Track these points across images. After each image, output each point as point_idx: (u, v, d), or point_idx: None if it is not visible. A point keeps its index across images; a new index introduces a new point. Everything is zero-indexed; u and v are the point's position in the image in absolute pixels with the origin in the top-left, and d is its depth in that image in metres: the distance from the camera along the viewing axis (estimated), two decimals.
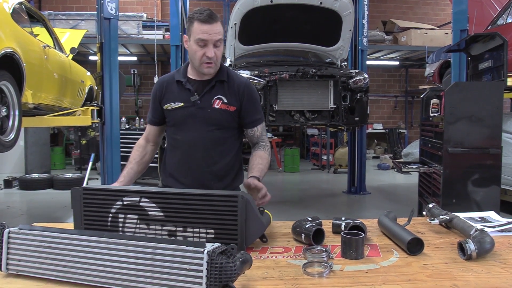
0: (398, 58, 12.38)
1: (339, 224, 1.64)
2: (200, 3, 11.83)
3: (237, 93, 1.95)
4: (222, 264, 1.01)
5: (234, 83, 1.96)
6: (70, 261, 1.15)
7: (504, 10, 5.92)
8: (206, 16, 1.80)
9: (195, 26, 1.81)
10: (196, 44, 1.82)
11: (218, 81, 1.94)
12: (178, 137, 1.98)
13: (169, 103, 1.96)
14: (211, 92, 1.93)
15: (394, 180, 9.01)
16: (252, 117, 1.99)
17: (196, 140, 1.93)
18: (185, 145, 1.96)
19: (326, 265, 1.27)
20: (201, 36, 1.80)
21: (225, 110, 1.93)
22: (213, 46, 1.83)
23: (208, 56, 1.83)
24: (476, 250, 1.35)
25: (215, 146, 1.95)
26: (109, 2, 4.97)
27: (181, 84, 1.95)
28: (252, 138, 2.02)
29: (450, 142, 3.76)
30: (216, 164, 1.96)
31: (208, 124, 1.93)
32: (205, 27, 1.79)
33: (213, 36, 1.81)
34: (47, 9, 10.20)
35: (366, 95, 5.32)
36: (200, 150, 1.94)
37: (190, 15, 1.86)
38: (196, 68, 1.92)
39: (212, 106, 1.92)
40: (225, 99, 1.93)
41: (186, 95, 1.93)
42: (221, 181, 1.98)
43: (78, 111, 5.07)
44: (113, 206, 1.47)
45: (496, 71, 4.52)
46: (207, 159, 1.94)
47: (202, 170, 1.95)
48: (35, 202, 6.77)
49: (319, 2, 5.00)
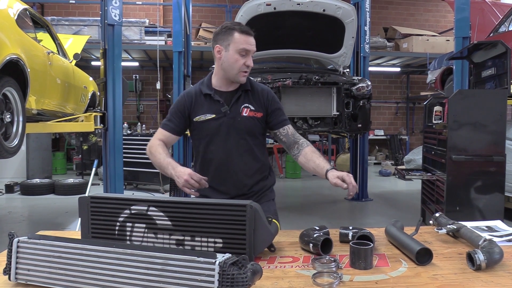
0: (399, 65, 12.40)
1: (347, 234, 1.64)
2: (203, 9, 11.89)
3: (262, 99, 2.05)
4: (234, 275, 1.00)
5: (257, 91, 2.07)
6: (80, 271, 1.15)
7: (506, 17, 5.93)
8: (246, 28, 1.96)
9: (236, 37, 1.92)
10: (238, 54, 1.93)
11: (244, 90, 2.03)
12: (212, 147, 2.04)
13: (199, 115, 2.02)
14: (238, 101, 2.02)
15: (396, 187, 8.99)
16: (279, 118, 2.08)
17: (231, 148, 2.02)
18: (220, 155, 2.03)
19: (335, 276, 1.26)
20: (245, 46, 1.92)
21: (253, 117, 2.03)
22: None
23: (248, 65, 1.95)
24: (485, 260, 1.35)
25: (248, 152, 2.04)
26: (113, 9, 4.98)
27: (209, 97, 2.03)
28: (287, 137, 2.06)
29: (453, 149, 3.76)
30: (251, 169, 2.06)
31: (239, 132, 2.02)
32: (247, 38, 1.93)
33: (253, 47, 1.96)
34: (50, 15, 10.24)
35: (368, 102, 5.32)
36: (234, 157, 2.02)
37: (226, 26, 1.97)
38: (231, 77, 1.99)
39: (241, 114, 2.01)
40: (252, 107, 2.03)
41: (216, 107, 2.02)
42: (258, 183, 2.09)
43: (81, 117, 5.07)
44: (121, 215, 1.47)
45: (499, 78, 4.53)
46: (242, 166, 2.03)
47: (238, 177, 2.03)
48: (37, 208, 6.75)
49: (322, 9, 5.02)
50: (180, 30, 6.82)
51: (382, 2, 12.49)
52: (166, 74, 11.93)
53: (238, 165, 2.03)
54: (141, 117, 12.16)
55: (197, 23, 11.35)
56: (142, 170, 8.04)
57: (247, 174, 2.04)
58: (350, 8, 5.18)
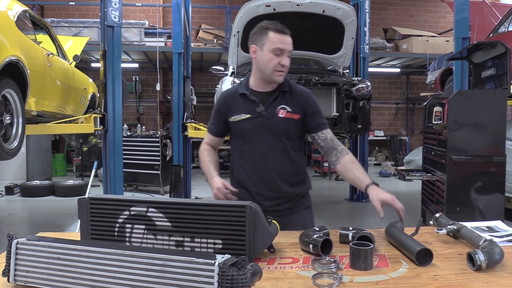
0: (399, 65, 12.41)
1: (347, 234, 1.63)
2: (202, 10, 11.90)
3: (300, 101, 2.01)
4: (233, 276, 1.00)
5: (296, 92, 2.03)
6: (79, 273, 1.14)
7: (505, 18, 5.94)
8: (281, 27, 1.91)
9: (271, 36, 1.89)
10: (273, 53, 1.90)
11: (281, 91, 2.00)
12: (247, 148, 2.03)
13: (235, 115, 2.01)
14: (274, 102, 1.99)
15: (396, 187, 8.99)
16: (318, 121, 2.04)
17: (266, 150, 1.99)
18: (255, 156, 2.01)
19: (335, 277, 1.26)
20: (279, 45, 1.89)
21: (289, 119, 1.99)
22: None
23: (283, 64, 1.91)
24: (486, 261, 1.34)
25: (283, 154, 2.01)
26: (112, 10, 4.98)
27: (245, 97, 2.01)
28: (325, 141, 2.02)
29: (453, 150, 3.76)
30: (286, 172, 2.02)
31: (275, 134, 1.99)
32: (283, 37, 1.89)
33: (289, 46, 1.91)
34: (50, 17, 10.25)
35: (368, 102, 5.32)
36: (270, 159, 1.99)
37: (261, 25, 1.94)
38: (266, 77, 1.97)
39: (277, 115, 1.98)
40: (289, 108, 1.99)
41: (251, 107, 2.00)
42: (293, 187, 2.05)
43: (81, 119, 5.07)
44: (120, 216, 1.46)
45: (499, 79, 4.53)
46: (277, 168, 1.99)
47: (273, 179, 2.00)
48: (37, 209, 6.75)
49: (321, 10, 5.02)
50: (180, 32, 6.82)
51: (381, 3, 12.51)
52: (166, 76, 11.93)
53: (273, 166, 1.99)
54: (141, 119, 12.17)
55: (197, 24, 11.36)
56: (142, 172, 8.05)
57: (282, 176, 2.00)
58: (350, 9, 5.18)
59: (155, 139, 8.11)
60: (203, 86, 11.85)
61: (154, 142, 8.02)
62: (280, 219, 1.99)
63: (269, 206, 1.96)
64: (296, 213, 2.07)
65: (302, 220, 2.03)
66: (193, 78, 7.63)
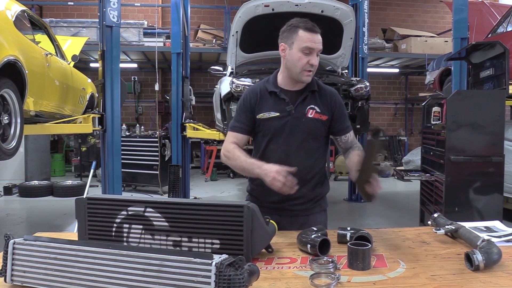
0: (398, 66, 12.42)
1: (345, 234, 1.63)
2: (201, 10, 11.90)
3: (329, 102, 2.00)
4: (231, 276, 1.00)
5: (325, 93, 2.01)
6: (76, 273, 1.14)
7: (504, 18, 5.95)
8: (311, 25, 1.86)
9: (300, 34, 1.85)
10: (301, 52, 1.86)
11: (310, 91, 1.98)
12: (272, 146, 1.99)
13: (263, 112, 1.97)
14: (304, 102, 1.96)
15: (395, 188, 9.00)
16: (344, 124, 2.04)
17: (291, 149, 1.96)
18: (280, 154, 1.96)
19: (333, 277, 1.25)
20: (308, 44, 1.85)
21: (318, 119, 1.97)
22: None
23: (312, 63, 1.88)
24: (483, 261, 1.34)
25: (308, 155, 1.99)
26: (111, 10, 4.98)
27: (275, 95, 1.97)
28: (346, 144, 2.05)
29: (452, 150, 3.76)
30: (309, 173, 2.00)
31: (302, 133, 1.96)
32: (312, 36, 1.85)
33: (318, 45, 1.87)
34: (48, 17, 10.24)
35: (367, 103, 5.32)
36: (294, 159, 1.95)
37: (291, 23, 1.90)
38: (294, 76, 1.93)
39: (306, 115, 1.95)
40: (318, 109, 1.97)
41: (281, 105, 1.96)
42: (313, 190, 2.03)
43: (79, 119, 5.06)
44: (118, 216, 1.46)
45: (497, 79, 4.53)
46: (301, 168, 1.94)
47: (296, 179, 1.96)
48: (35, 210, 6.74)
49: (320, 10, 5.01)
50: (179, 32, 6.82)
51: (380, 3, 12.51)
52: (164, 76, 11.93)
53: (295, 165, 1.93)
54: (139, 119, 12.16)
55: (196, 24, 11.36)
56: (140, 172, 8.04)
57: (304, 177, 1.96)
58: (349, 9, 5.18)
59: (153, 139, 8.11)
60: (202, 86, 11.85)
61: (153, 142, 8.02)
62: (295, 219, 2.00)
63: (286, 205, 1.96)
64: (312, 215, 2.05)
65: (317, 222, 1.99)
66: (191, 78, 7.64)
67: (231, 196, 8.06)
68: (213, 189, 8.74)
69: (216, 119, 6.15)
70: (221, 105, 5.23)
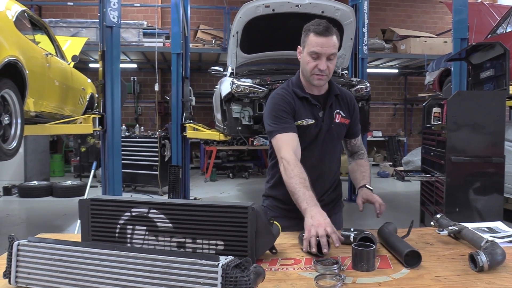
0: (397, 66, 12.43)
1: (349, 235, 1.63)
2: (201, 11, 11.89)
3: (349, 106, 2.00)
4: (237, 278, 0.99)
5: (345, 96, 2.00)
6: (81, 274, 1.14)
7: (503, 19, 5.96)
8: (323, 28, 1.79)
9: (310, 38, 1.81)
10: (310, 56, 1.83)
11: (335, 95, 1.96)
12: (306, 153, 1.91)
13: (302, 119, 1.91)
14: (332, 107, 1.95)
15: (395, 188, 9.00)
16: (356, 127, 2.05)
17: (323, 154, 1.96)
18: (313, 161, 1.93)
19: (338, 278, 1.25)
20: (314, 48, 1.80)
21: (343, 124, 1.98)
22: (326, 59, 1.82)
23: (320, 68, 1.82)
24: (488, 261, 1.34)
25: (335, 159, 2.01)
26: (111, 10, 4.97)
27: (305, 100, 1.93)
28: (353, 147, 2.07)
29: (452, 150, 3.76)
30: (334, 176, 2.02)
31: (333, 139, 1.97)
32: (320, 40, 1.79)
33: (327, 49, 1.80)
34: (48, 17, 10.22)
35: (367, 103, 5.32)
36: (325, 164, 1.96)
37: (306, 26, 1.86)
38: (307, 79, 1.91)
39: (335, 120, 1.95)
40: (343, 113, 1.97)
41: (314, 111, 1.93)
42: (334, 191, 2.05)
43: (79, 119, 5.06)
44: (121, 218, 1.45)
45: (498, 80, 4.54)
46: (329, 172, 1.96)
47: (323, 182, 1.97)
48: (35, 210, 6.73)
49: (321, 11, 5.01)
50: (178, 32, 6.81)
51: (380, 4, 12.53)
52: (164, 76, 11.93)
53: (325, 170, 1.96)
54: (139, 119, 12.15)
55: (196, 25, 11.36)
56: (140, 172, 8.03)
57: (329, 180, 1.98)
58: (349, 9, 5.18)
59: (153, 139, 8.10)
60: (202, 86, 11.85)
61: (153, 143, 8.01)
62: None
63: None
64: (333, 215, 2.04)
65: (337, 222, 2.00)
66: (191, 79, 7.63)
67: (231, 196, 8.05)
68: (213, 190, 8.73)
69: (216, 120, 6.15)
70: (222, 106, 5.23)
